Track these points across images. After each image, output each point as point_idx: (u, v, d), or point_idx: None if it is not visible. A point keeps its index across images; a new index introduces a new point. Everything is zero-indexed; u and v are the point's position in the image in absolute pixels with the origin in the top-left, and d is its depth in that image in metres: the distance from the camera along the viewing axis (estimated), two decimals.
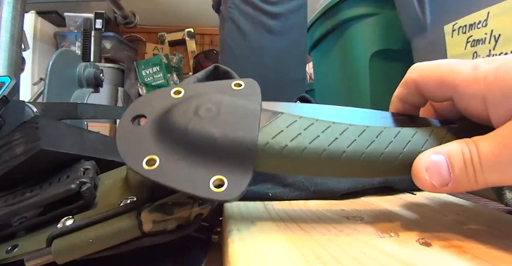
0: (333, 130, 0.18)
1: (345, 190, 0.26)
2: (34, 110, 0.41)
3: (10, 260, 0.19)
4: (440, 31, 0.57)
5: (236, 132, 0.17)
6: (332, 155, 0.17)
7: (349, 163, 0.18)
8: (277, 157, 0.18)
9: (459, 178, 0.17)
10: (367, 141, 0.18)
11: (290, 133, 0.18)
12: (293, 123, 0.18)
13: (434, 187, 0.17)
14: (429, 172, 0.17)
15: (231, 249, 0.17)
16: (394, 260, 0.15)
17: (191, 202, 0.18)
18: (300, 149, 0.17)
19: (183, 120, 0.18)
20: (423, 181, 0.17)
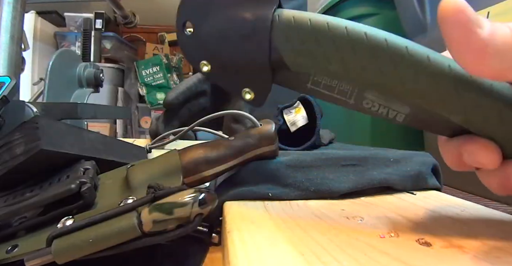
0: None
1: (345, 190, 0.26)
2: (34, 110, 0.41)
3: (10, 260, 0.19)
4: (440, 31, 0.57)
5: (249, 58, 0.21)
6: (354, 31, 0.18)
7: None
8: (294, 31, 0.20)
9: (499, 27, 0.13)
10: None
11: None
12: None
13: (469, 20, 0.13)
14: (465, 3, 0.13)
15: (231, 249, 0.17)
16: (394, 260, 0.15)
17: (191, 202, 0.18)
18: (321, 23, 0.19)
19: (215, 42, 0.22)
20: (458, 6, 0.13)
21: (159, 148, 0.44)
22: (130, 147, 0.33)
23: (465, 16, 0.13)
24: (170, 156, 0.24)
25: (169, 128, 0.55)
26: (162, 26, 2.16)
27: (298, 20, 0.19)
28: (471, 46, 0.13)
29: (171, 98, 0.57)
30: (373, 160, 0.29)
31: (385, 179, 0.27)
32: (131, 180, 0.23)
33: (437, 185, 0.29)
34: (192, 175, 0.24)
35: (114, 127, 1.80)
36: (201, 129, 0.42)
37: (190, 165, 0.24)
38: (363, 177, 0.27)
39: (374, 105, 0.20)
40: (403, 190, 0.28)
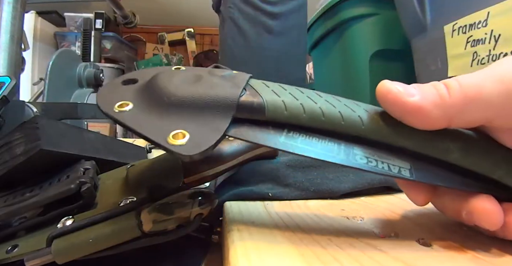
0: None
1: (345, 190, 0.26)
2: (34, 110, 0.41)
3: (10, 260, 0.19)
4: (440, 31, 0.57)
5: (216, 89, 0.17)
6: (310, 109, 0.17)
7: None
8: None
9: (427, 90, 0.16)
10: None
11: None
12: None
13: (399, 93, 0.16)
14: (395, 83, 0.16)
15: (231, 249, 0.17)
16: (394, 260, 0.15)
17: (191, 202, 0.18)
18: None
19: (165, 79, 0.18)
20: (387, 87, 0.16)
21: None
22: (130, 147, 0.33)
23: (394, 91, 0.16)
24: (170, 156, 0.24)
25: None
26: (162, 26, 2.16)
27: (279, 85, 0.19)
28: (407, 110, 0.16)
29: None
30: None
31: (385, 179, 0.27)
32: (131, 180, 0.23)
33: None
34: (192, 175, 0.24)
35: (114, 127, 1.79)
36: None
37: (190, 165, 0.24)
38: (363, 177, 0.27)
39: (370, 161, 0.17)
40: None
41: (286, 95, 0.18)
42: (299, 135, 0.17)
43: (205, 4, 1.25)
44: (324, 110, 0.17)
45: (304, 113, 0.17)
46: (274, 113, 0.17)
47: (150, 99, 0.17)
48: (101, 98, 0.18)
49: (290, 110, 0.17)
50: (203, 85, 0.18)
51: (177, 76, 0.19)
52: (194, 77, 0.19)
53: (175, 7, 2.00)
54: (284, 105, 0.17)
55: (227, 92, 0.17)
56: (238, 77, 0.19)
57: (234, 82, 0.18)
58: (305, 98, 0.17)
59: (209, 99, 0.17)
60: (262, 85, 0.19)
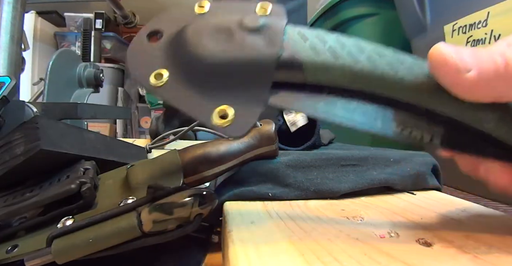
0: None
1: (345, 190, 0.26)
2: (34, 110, 0.40)
3: (10, 260, 0.19)
4: (440, 31, 0.57)
5: (250, 51, 0.16)
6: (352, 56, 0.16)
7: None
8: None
9: (485, 63, 0.14)
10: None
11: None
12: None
13: (456, 69, 0.15)
14: (449, 48, 0.15)
15: (231, 249, 0.17)
16: (394, 260, 0.15)
17: (191, 202, 0.18)
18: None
19: (195, 38, 0.17)
20: (444, 59, 0.15)
21: (159, 148, 0.44)
22: (130, 147, 0.33)
23: (452, 66, 0.15)
24: (170, 156, 0.24)
25: (169, 129, 0.55)
26: None
27: (317, 29, 0.17)
28: (461, 88, 0.15)
29: None
30: (373, 160, 0.29)
31: (385, 179, 0.27)
32: (131, 180, 0.23)
33: (437, 185, 0.29)
34: (192, 175, 0.24)
35: (114, 127, 1.80)
36: (201, 129, 0.42)
37: (190, 165, 0.24)
38: (363, 177, 0.27)
39: (404, 128, 0.17)
40: (403, 190, 0.28)
41: (325, 54, 0.16)
42: (339, 97, 0.17)
43: None
44: (365, 73, 0.16)
45: (344, 77, 0.16)
46: (313, 76, 0.16)
47: (183, 65, 0.16)
48: (133, 65, 0.17)
49: (330, 73, 0.16)
50: (235, 44, 0.16)
51: (206, 31, 0.17)
52: (224, 32, 0.17)
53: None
54: (325, 67, 0.16)
55: (263, 55, 0.16)
56: (273, 29, 0.17)
57: (269, 38, 0.16)
58: (346, 56, 0.16)
59: (245, 64, 0.16)
60: (300, 38, 0.17)
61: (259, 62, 0.16)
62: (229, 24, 0.17)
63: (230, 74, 0.16)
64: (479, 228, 0.20)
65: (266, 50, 0.16)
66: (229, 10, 0.18)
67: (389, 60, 0.17)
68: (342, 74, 0.16)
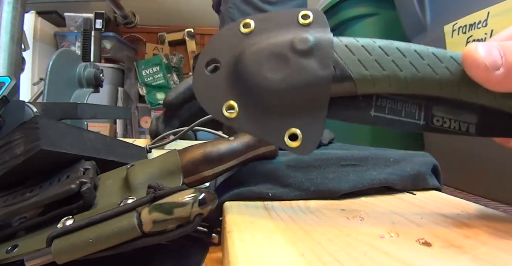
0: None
1: (345, 190, 0.26)
2: (34, 110, 0.40)
3: (10, 260, 0.19)
4: (440, 31, 0.57)
5: (307, 76, 0.18)
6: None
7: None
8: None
9: (511, 60, 0.16)
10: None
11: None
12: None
13: (486, 69, 0.16)
14: (481, 50, 0.17)
15: (231, 249, 0.17)
16: (394, 260, 0.15)
17: (191, 202, 0.18)
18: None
19: (253, 69, 0.18)
20: (475, 60, 0.17)
21: (159, 148, 0.44)
22: (130, 147, 0.33)
23: (483, 66, 0.17)
24: (170, 156, 0.24)
25: (169, 129, 0.55)
26: (162, 26, 2.16)
27: (359, 38, 0.19)
28: (492, 83, 0.17)
29: (171, 98, 0.56)
30: (373, 160, 0.29)
31: (385, 179, 0.27)
32: (131, 180, 0.23)
33: (437, 185, 0.29)
34: (192, 175, 0.24)
35: (114, 127, 1.80)
36: (201, 129, 0.42)
37: (190, 165, 0.24)
38: (363, 177, 0.27)
39: (445, 121, 0.19)
40: (403, 190, 0.28)
41: (373, 66, 0.18)
42: (386, 101, 0.19)
43: (205, 4, 1.25)
44: (409, 80, 0.18)
45: (390, 86, 0.18)
46: (364, 89, 0.18)
47: (249, 95, 0.18)
48: (203, 99, 0.19)
49: (378, 85, 0.18)
50: (292, 71, 0.18)
51: (262, 60, 0.18)
52: (279, 58, 0.18)
53: (175, 7, 2.00)
54: (373, 81, 0.18)
55: (318, 77, 0.18)
56: (323, 47, 0.18)
57: (321, 59, 0.18)
58: (391, 66, 0.18)
59: (304, 88, 0.18)
60: (348, 53, 0.18)
61: (316, 84, 0.18)
62: (282, 50, 0.18)
63: (292, 99, 0.18)
64: (479, 228, 0.20)
65: (321, 73, 0.18)
66: (274, 27, 0.20)
67: (429, 62, 0.18)
68: (389, 84, 0.18)
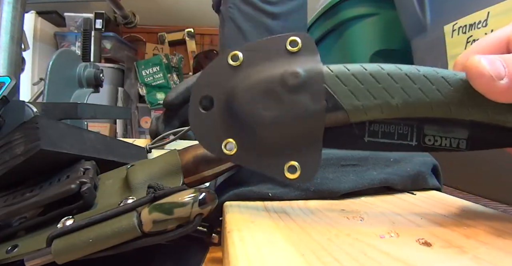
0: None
1: (345, 190, 0.26)
2: (34, 110, 0.40)
3: (10, 260, 0.19)
4: (440, 31, 0.57)
5: (300, 112, 0.18)
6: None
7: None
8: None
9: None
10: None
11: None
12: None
13: (491, 78, 0.17)
14: (484, 61, 0.17)
15: (231, 249, 0.17)
16: (394, 260, 0.15)
17: (191, 202, 0.18)
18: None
19: (248, 109, 0.19)
20: (480, 70, 0.17)
21: (159, 148, 0.44)
22: (130, 147, 0.33)
23: (486, 77, 0.17)
24: (170, 156, 0.24)
25: (169, 129, 0.55)
26: (162, 26, 2.16)
27: (349, 66, 0.19)
28: (496, 93, 0.17)
29: (171, 98, 0.56)
30: (373, 160, 0.29)
31: (385, 179, 0.27)
32: (131, 180, 0.23)
33: (437, 185, 0.29)
34: (192, 175, 0.24)
35: (114, 127, 1.80)
36: None
37: (190, 165, 0.24)
38: (363, 177, 0.27)
39: (436, 139, 0.20)
40: (403, 190, 0.28)
41: (364, 96, 0.18)
42: (379, 126, 0.20)
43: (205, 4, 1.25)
44: (400, 106, 0.18)
45: (382, 113, 0.19)
46: (356, 119, 0.19)
47: (245, 133, 0.19)
48: (202, 138, 0.20)
49: (370, 114, 0.18)
50: (286, 107, 0.18)
51: (255, 99, 0.19)
52: (271, 96, 0.19)
53: (175, 7, 1.99)
54: (365, 110, 0.18)
55: (311, 112, 0.18)
56: (314, 84, 0.19)
57: (312, 94, 0.18)
58: (383, 94, 0.18)
59: (298, 123, 0.18)
60: (339, 84, 0.19)
61: (310, 118, 0.18)
62: (273, 87, 0.19)
63: (288, 134, 0.19)
64: (479, 228, 0.20)
65: (314, 108, 0.18)
66: (263, 57, 0.20)
67: (420, 85, 0.18)
68: (381, 112, 0.19)
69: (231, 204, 0.25)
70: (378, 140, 0.20)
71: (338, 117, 0.19)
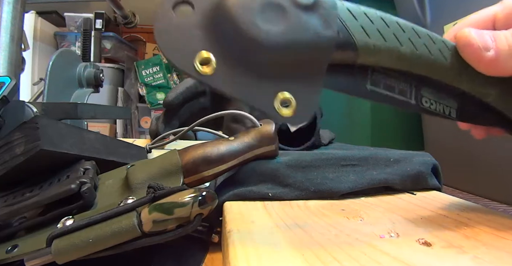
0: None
1: (345, 190, 0.26)
2: (34, 110, 0.40)
3: (10, 260, 0.19)
4: (440, 31, 0.57)
5: (309, 34, 0.15)
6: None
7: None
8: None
9: (501, 45, 0.18)
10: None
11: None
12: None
13: (478, 48, 0.18)
14: (474, 32, 0.18)
15: (231, 249, 0.17)
16: (394, 260, 0.15)
17: (191, 202, 0.18)
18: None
19: (243, 16, 0.15)
20: (469, 39, 0.18)
21: (159, 148, 0.44)
22: (130, 147, 0.33)
23: (474, 46, 0.18)
24: (170, 156, 0.24)
25: (169, 129, 0.55)
26: None
27: (359, 6, 0.17)
28: (483, 63, 0.18)
29: (171, 98, 0.57)
30: (373, 160, 0.29)
31: (385, 179, 0.27)
32: (131, 180, 0.23)
33: (437, 185, 0.29)
34: (192, 175, 0.24)
35: (114, 127, 1.80)
36: (201, 129, 0.42)
37: (190, 165, 0.24)
38: (363, 177, 0.27)
39: (432, 103, 0.20)
40: (403, 190, 0.28)
41: (375, 36, 0.17)
42: (381, 76, 0.19)
43: None
44: (408, 56, 0.18)
45: (390, 59, 0.17)
46: (364, 59, 0.17)
47: (232, 47, 0.15)
48: (167, 49, 0.14)
49: (379, 56, 0.17)
50: (292, 25, 0.15)
51: (254, 7, 0.15)
52: (276, 9, 0.15)
53: None
54: (375, 50, 0.17)
55: (321, 37, 0.15)
56: (326, 8, 0.16)
57: (324, 18, 0.16)
58: (392, 38, 0.17)
59: (304, 48, 0.15)
60: (351, 18, 0.17)
61: (317, 44, 0.15)
62: (280, 1, 0.15)
63: (288, 57, 0.15)
64: (479, 228, 0.20)
65: (325, 33, 0.15)
66: None
67: (425, 41, 0.18)
68: (390, 56, 0.17)
69: (231, 204, 0.25)
70: (380, 90, 0.18)
71: (346, 54, 0.16)
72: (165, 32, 0.14)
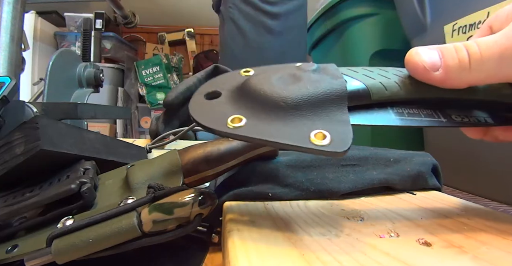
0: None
1: (345, 190, 0.26)
2: (34, 110, 0.41)
3: (10, 260, 0.19)
4: (440, 31, 0.57)
5: (322, 85, 0.18)
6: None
7: None
8: None
9: (450, 61, 0.18)
10: None
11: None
12: None
13: (425, 70, 0.18)
14: (421, 53, 0.18)
15: (231, 249, 0.17)
16: (394, 260, 0.15)
17: (191, 202, 0.18)
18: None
19: (266, 85, 0.18)
20: (415, 62, 0.18)
21: (159, 148, 0.44)
22: (130, 147, 0.33)
23: (420, 69, 0.18)
24: (170, 156, 0.24)
25: (169, 129, 0.55)
26: (162, 26, 2.16)
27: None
28: (435, 83, 0.18)
29: (171, 98, 0.56)
30: (373, 160, 0.29)
31: (385, 179, 0.27)
32: (131, 180, 0.23)
33: (437, 185, 0.29)
34: (192, 175, 0.24)
35: (114, 127, 1.80)
36: (201, 129, 0.41)
37: (190, 165, 0.24)
38: (363, 177, 0.27)
39: (463, 117, 0.20)
40: (403, 190, 0.28)
41: (378, 77, 0.19)
42: (403, 109, 0.20)
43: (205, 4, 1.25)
44: (414, 84, 0.19)
45: (400, 89, 0.19)
46: (378, 95, 0.18)
47: (262, 108, 0.17)
48: (203, 118, 0.17)
49: (389, 90, 0.19)
50: (306, 82, 0.18)
51: (271, 79, 0.18)
52: (290, 77, 0.19)
53: (175, 7, 2.00)
54: (383, 86, 0.19)
55: (334, 85, 0.18)
56: (328, 68, 0.19)
57: (330, 74, 0.19)
58: (393, 77, 0.19)
59: (322, 95, 0.17)
60: (352, 72, 0.19)
61: (333, 92, 0.17)
62: (289, 71, 0.19)
63: (310, 105, 0.17)
64: (479, 228, 0.20)
65: (335, 82, 0.18)
66: (273, 69, 0.20)
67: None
68: (398, 89, 0.19)
69: (231, 204, 0.25)
70: (406, 118, 0.19)
71: (360, 93, 0.18)
72: (197, 109, 0.17)
